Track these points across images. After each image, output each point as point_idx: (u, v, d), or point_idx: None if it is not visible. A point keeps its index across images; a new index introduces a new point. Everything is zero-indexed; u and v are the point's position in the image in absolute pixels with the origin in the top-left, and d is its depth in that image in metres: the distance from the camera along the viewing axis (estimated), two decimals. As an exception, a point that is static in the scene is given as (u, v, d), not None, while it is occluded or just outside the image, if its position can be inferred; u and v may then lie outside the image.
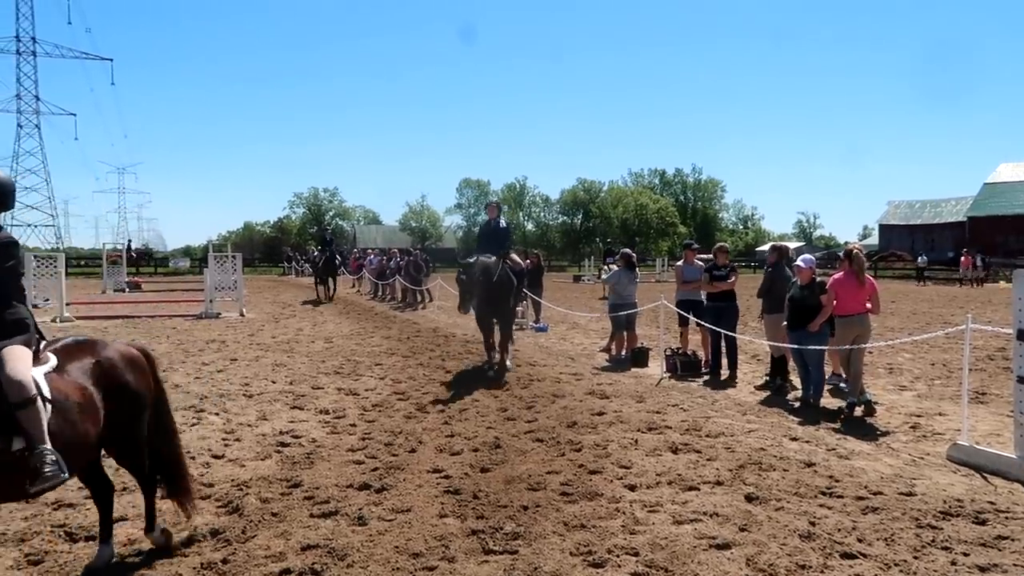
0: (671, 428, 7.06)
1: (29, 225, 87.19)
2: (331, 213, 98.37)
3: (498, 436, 6.69)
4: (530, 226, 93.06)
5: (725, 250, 10.42)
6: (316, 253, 45.74)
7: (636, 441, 6.54)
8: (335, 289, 25.14)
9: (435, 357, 11.63)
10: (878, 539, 4.42)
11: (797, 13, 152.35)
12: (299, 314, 19.84)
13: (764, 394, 8.89)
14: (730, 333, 9.73)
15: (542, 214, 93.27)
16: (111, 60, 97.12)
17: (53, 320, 16.98)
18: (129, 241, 52.49)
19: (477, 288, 9.86)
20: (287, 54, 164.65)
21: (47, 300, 19.92)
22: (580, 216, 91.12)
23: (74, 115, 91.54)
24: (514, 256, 10.88)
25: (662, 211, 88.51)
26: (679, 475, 5.58)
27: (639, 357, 11.11)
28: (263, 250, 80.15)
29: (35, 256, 19.01)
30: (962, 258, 39.12)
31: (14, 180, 3.99)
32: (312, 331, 15.51)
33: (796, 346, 8.08)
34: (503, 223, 10.89)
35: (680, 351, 10.59)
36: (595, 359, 11.80)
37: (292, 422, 7.33)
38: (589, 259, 49.74)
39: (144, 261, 54.57)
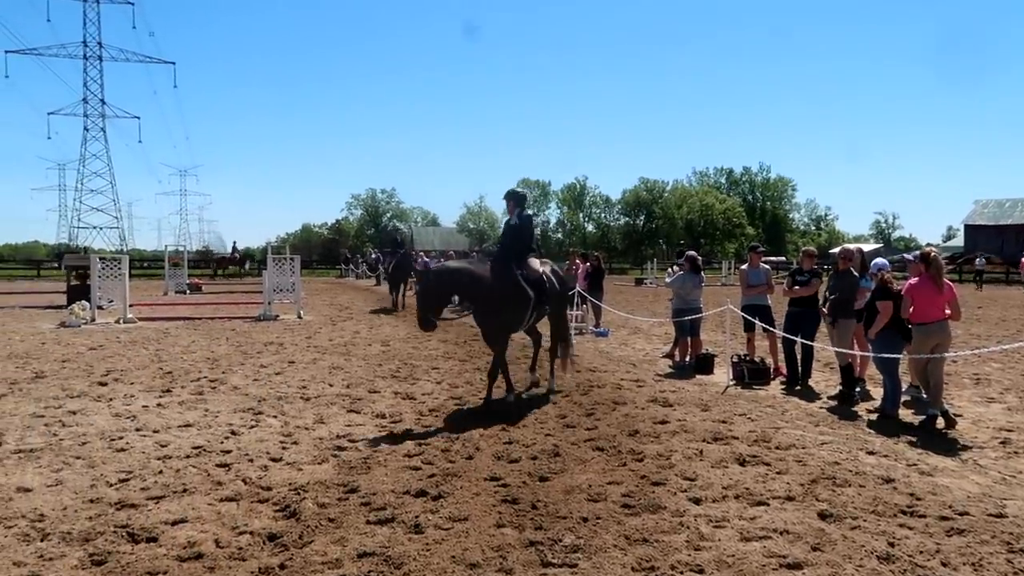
0: (738, 439, 6.93)
1: (95, 227, 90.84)
2: (388, 215, 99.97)
3: (557, 444, 6.67)
4: (590, 227, 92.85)
5: (811, 254, 10.16)
6: (375, 255, 46.36)
7: (701, 452, 6.45)
8: (405, 295, 23.39)
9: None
10: (964, 564, 4.24)
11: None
12: (356, 317, 20.16)
13: (837, 404, 8.65)
14: (806, 341, 9.50)
15: (603, 215, 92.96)
16: (173, 63, 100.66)
17: (116, 321, 17.65)
18: (235, 243, 53.23)
19: (473, 300, 8.42)
20: (345, 53, 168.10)
21: (111, 301, 20.70)
22: (642, 217, 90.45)
23: (138, 118, 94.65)
24: (532, 262, 8.84)
25: (729, 211, 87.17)
26: (747, 489, 5.47)
27: (704, 364, 10.95)
28: (321, 252, 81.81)
29: (100, 258, 19.74)
30: (1022, 259, 37.10)
31: None
32: (369, 334, 15.74)
33: (868, 353, 7.84)
34: (520, 218, 8.87)
35: (747, 358, 10.40)
36: (658, 365, 11.67)
37: (349, 426, 7.45)
38: (652, 261, 49.19)
39: (242, 263, 53.17)
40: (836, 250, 11.47)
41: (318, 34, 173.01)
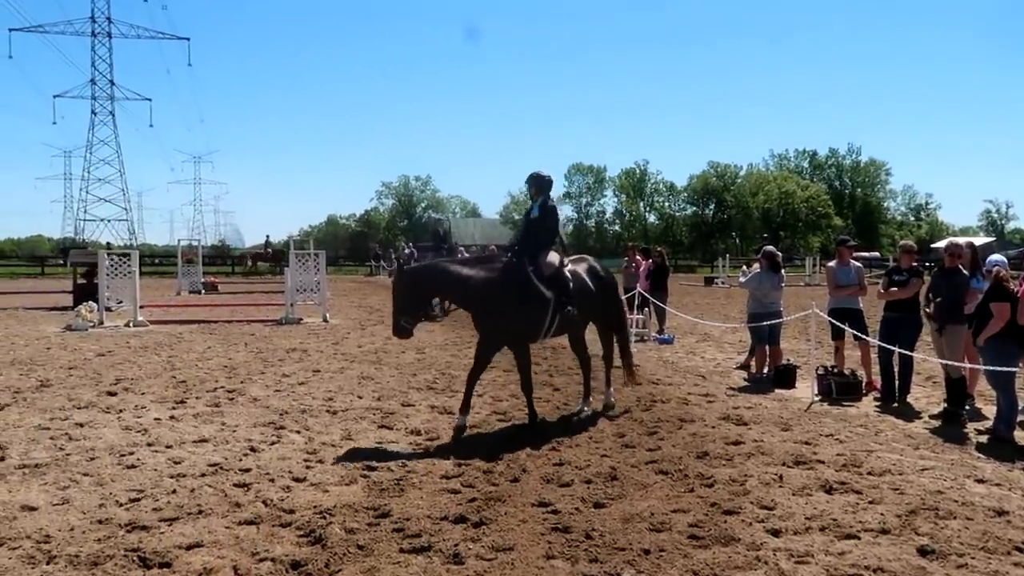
0: (824, 463, 6.84)
1: (102, 220, 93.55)
2: (423, 204, 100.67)
3: (614, 466, 6.66)
4: (652, 218, 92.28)
5: (909, 250, 9.95)
6: (408, 250, 46.73)
7: (781, 477, 6.38)
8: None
9: (541, 372, 11.70)
10: (1091, 610, 4.12)
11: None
12: (388, 320, 20.35)
13: (941, 424, 8.46)
14: (905, 351, 9.32)
15: (667, 204, 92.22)
16: (187, 40, 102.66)
17: (126, 324, 18.14)
18: (268, 237, 53.37)
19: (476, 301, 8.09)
20: (375, 26, 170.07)
21: (120, 302, 21.27)
22: (712, 206, 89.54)
23: (149, 100, 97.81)
24: (551, 256, 8.33)
25: (812, 199, 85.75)
26: (834, 520, 5.40)
27: (784, 376, 10.82)
28: (348, 247, 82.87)
29: (108, 254, 20.29)
30: None
31: None
32: (402, 340, 15.88)
33: (980, 366, 7.67)
34: (542, 208, 8.52)
35: (835, 370, 10.25)
36: (731, 378, 11.57)
37: (380, 443, 7.55)
38: (723, 257, 48.70)
39: (276, 260, 52.77)
40: (941, 244, 11.21)
41: (345, 5, 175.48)
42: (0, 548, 4.90)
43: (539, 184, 8.50)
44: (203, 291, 32.57)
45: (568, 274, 8.40)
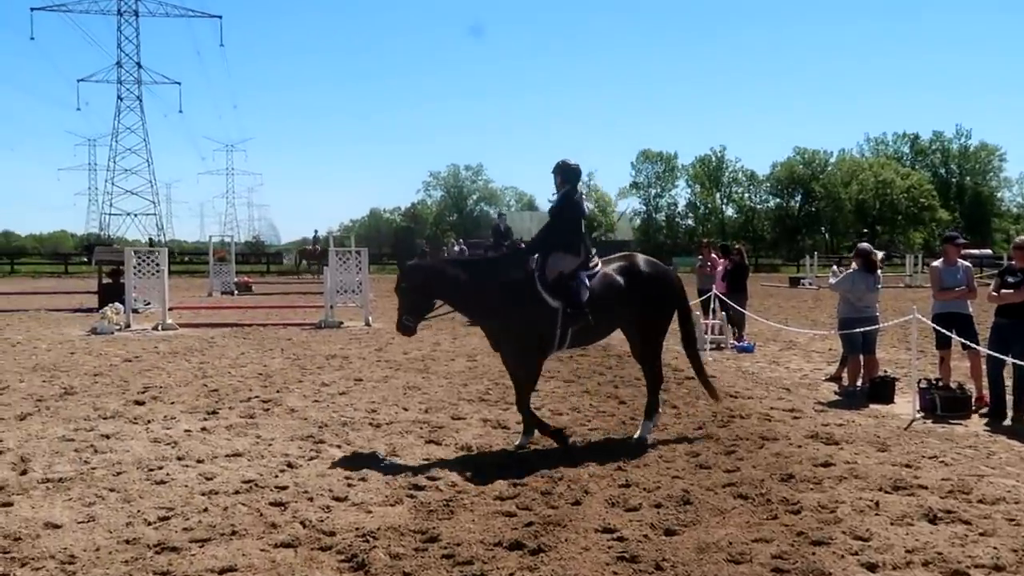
0: (927, 488, 6.70)
1: (128, 214, 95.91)
2: (474, 196, 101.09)
3: (688, 489, 6.62)
4: (730, 211, 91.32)
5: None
6: (459, 247, 46.89)
7: (877, 504, 6.28)
8: None
9: (605, 383, 11.67)
10: None
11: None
12: (436, 324, 20.47)
13: (1064, 446, 8.23)
14: (1018, 362, 9.08)
15: (746, 195, 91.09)
16: (219, 18, 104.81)
17: (154, 327, 18.58)
18: (316, 232, 52.89)
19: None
20: (420, 2, 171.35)
21: (148, 304, 21.81)
22: (798, 197, 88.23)
23: (178, 84, 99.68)
24: (563, 256, 8.20)
25: (914, 189, 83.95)
26: (939, 554, 5.29)
27: (881, 390, 10.63)
28: (392, 243, 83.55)
29: (135, 251, 20.79)
30: None
31: None
32: (452, 346, 16.01)
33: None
34: (562, 199, 8.46)
35: (940, 383, 10.04)
36: (819, 391, 11.41)
37: (427, 459, 7.61)
38: (811, 255, 47.97)
39: (321, 257, 52.61)
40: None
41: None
42: (23, 568, 5.07)
43: (564, 173, 8.45)
44: (236, 292, 33.20)
45: (583, 278, 8.15)
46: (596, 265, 8.40)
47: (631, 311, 8.41)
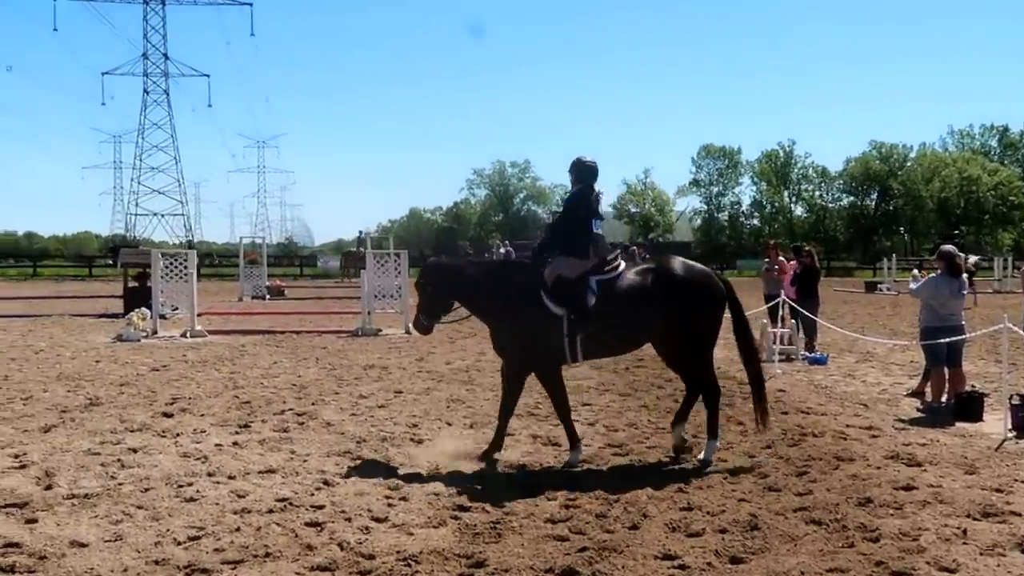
0: (1020, 515, 6.58)
1: (155, 214, 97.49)
2: (521, 195, 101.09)
3: (755, 513, 6.56)
4: (799, 210, 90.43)
5: None
6: (505, 249, 47.01)
7: (964, 532, 6.18)
8: None
9: (664, 397, 11.63)
10: None
11: None
12: (482, 332, 20.54)
13: None
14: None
15: (817, 193, 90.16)
16: (250, 4, 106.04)
17: (183, 334, 18.88)
18: (360, 232, 52.22)
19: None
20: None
21: (175, 309, 22.18)
22: (875, 195, 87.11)
23: (207, 76, 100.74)
24: (567, 259, 8.24)
25: (1003, 186, 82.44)
26: (1034, 588, 5.19)
27: (968, 406, 10.46)
28: (434, 244, 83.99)
29: (163, 253, 21.12)
30: None
31: None
32: (498, 357, 16.00)
33: None
34: (569, 197, 8.80)
35: (1034, 399, 9.85)
36: (899, 407, 11.26)
37: (473, 478, 7.64)
38: (889, 258, 47.30)
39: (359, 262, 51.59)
40: None
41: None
42: (48, 589, 5.17)
43: (578, 171, 8.54)
44: (268, 296, 33.60)
45: (591, 283, 8.12)
46: (616, 269, 8.34)
47: (661, 320, 8.24)
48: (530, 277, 8.32)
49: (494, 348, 8.89)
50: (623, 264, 8.41)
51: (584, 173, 8.51)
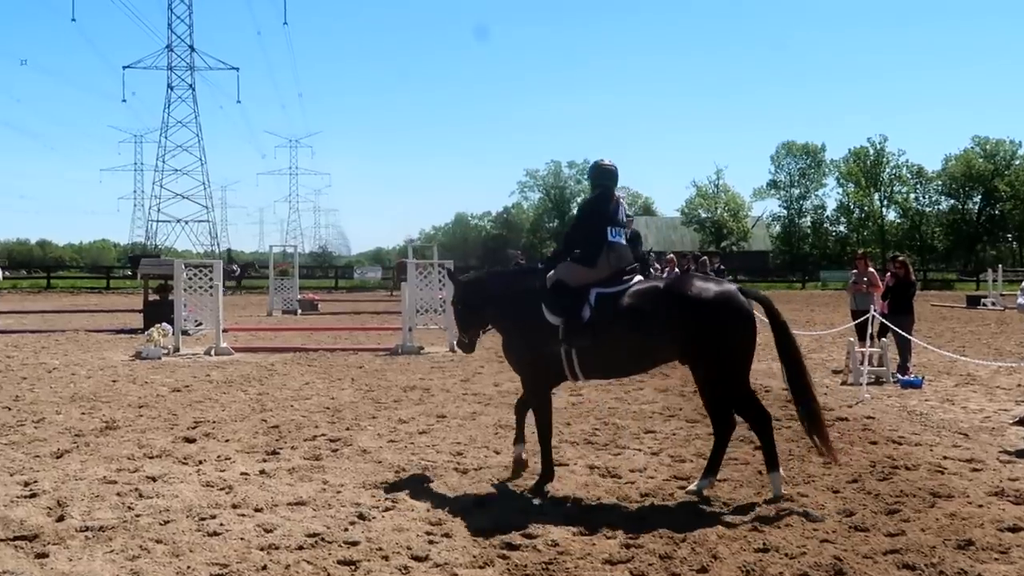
0: None
1: (179, 221, 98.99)
2: (579, 199, 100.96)
3: (839, 555, 6.48)
4: (891, 215, 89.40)
5: None
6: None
7: (1080, 580, 6.04)
8: None
9: (737, 423, 11.49)
10: None
11: None
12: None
13: None
14: None
15: (912, 195, 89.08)
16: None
17: (207, 352, 19.11)
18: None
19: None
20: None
21: (199, 325, 22.45)
22: (978, 198, 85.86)
23: (236, 69, 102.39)
24: (568, 266, 8.67)
25: None
26: None
27: (1084, 437, 10.25)
28: (482, 253, 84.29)
29: (186, 264, 21.42)
30: None
31: None
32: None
33: None
34: (583, 202, 9.57)
35: None
36: (1005, 437, 11.05)
37: (523, 513, 7.61)
38: (994, 269, 46.53)
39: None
40: None
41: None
42: (59, 630, 5.25)
43: (595, 174, 8.97)
44: (300, 311, 33.91)
45: (591, 294, 8.31)
46: (630, 280, 8.47)
47: (670, 345, 8.22)
48: (534, 284, 8.73)
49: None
50: (638, 279, 8.57)
51: (602, 177, 8.86)
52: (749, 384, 8.41)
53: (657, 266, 24.06)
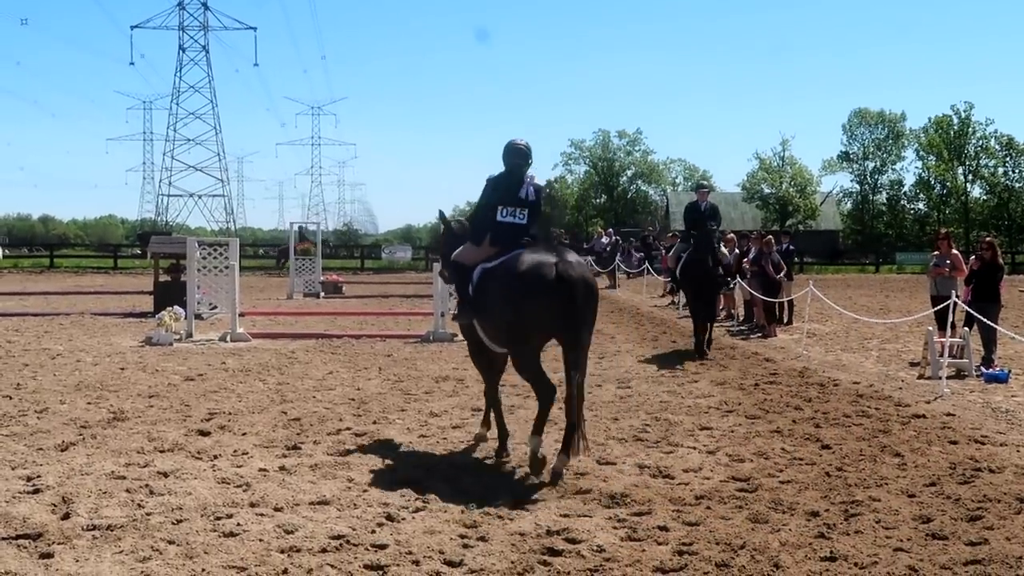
0: None
1: (192, 195, 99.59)
2: (629, 172, 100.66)
3: (914, 566, 6.46)
4: (976, 191, 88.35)
5: None
6: (607, 239, 46.87)
7: None
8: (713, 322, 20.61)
9: (802, 420, 11.47)
10: None
11: None
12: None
13: None
14: None
15: (1000, 170, 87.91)
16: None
17: (222, 338, 19.26)
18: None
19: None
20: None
21: (214, 308, 22.63)
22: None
23: (254, 29, 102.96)
24: (466, 245, 10.23)
25: None
26: None
27: None
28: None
29: (199, 242, 21.55)
30: None
31: None
32: (597, 369, 15.99)
33: None
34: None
35: None
36: (1102, 437, 10.92)
37: (566, 515, 7.64)
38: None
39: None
40: None
41: None
42: (65, 635, 5.34)
43: (503, 153, 9.81)
44: (322, 293, 34.06)
45: (475, 272, 9.55)
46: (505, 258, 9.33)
47: (554, 319, 9.01)
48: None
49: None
50: (514, 253, 9.27)
51: (511, 155, 9.76)
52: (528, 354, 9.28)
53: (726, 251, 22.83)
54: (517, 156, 9.69)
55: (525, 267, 8.91)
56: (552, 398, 9.13)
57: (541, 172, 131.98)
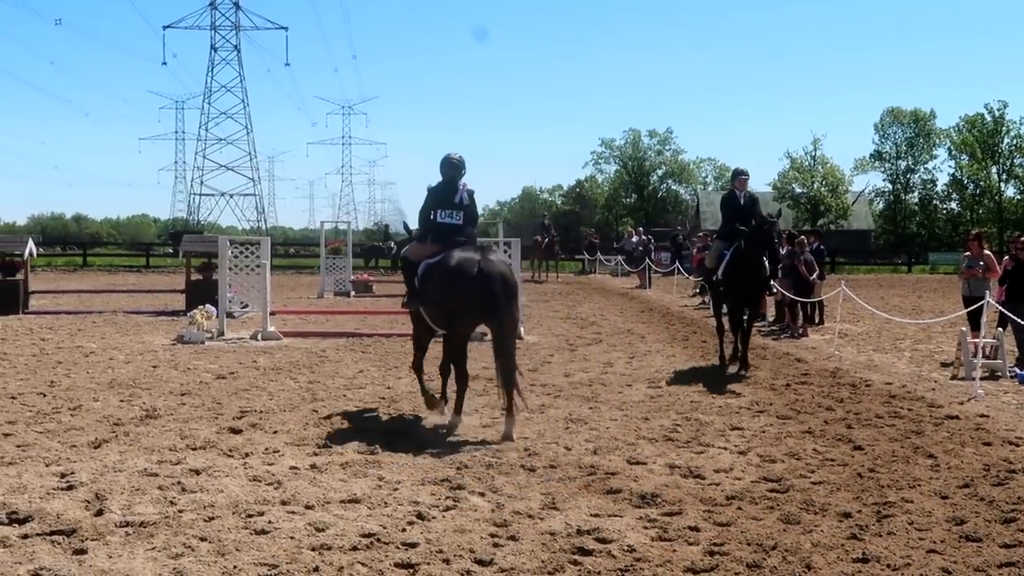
0: None
1: (223, 194, 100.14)
2: (660, 171, 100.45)
3: (948, 568, 6.42)
4: (1011, 191, 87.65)
5: None
6: (637, 238, 46.82)
7: None
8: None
9: (834, 421, 11.41)
10: None
11: None
12: (608, 338, 20.48)
13: None
14: None
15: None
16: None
17: (253, 336, 19.37)
18: (545, 217, 49.85)
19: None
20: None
21: (245, 307, 22.74)
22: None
23: (285, 29, 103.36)
24: (413, 243, 12.18)
25: None
26: None
27: None
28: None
29: (231, 241, 21.65)
30: None
31: None
32: (628, 368, 15.98)
33: None
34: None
35: None
36: None
37: (596, 515, 7.63)
38: None
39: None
40: None
41: None
42: (98, 631, 5.37)
43: (440, 165, 11.58)
44: (353, 292, 34.17)
45: (421, 267, 11.27)
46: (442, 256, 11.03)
47: (480, 308, 10.93)
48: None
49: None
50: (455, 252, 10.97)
51: (446, 167, 11.56)
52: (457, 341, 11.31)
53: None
54: (451, 168, 11.53)
55: (454, 263, 10.79)
56: (467, 383, 11.38)
57: (570, 173, 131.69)
